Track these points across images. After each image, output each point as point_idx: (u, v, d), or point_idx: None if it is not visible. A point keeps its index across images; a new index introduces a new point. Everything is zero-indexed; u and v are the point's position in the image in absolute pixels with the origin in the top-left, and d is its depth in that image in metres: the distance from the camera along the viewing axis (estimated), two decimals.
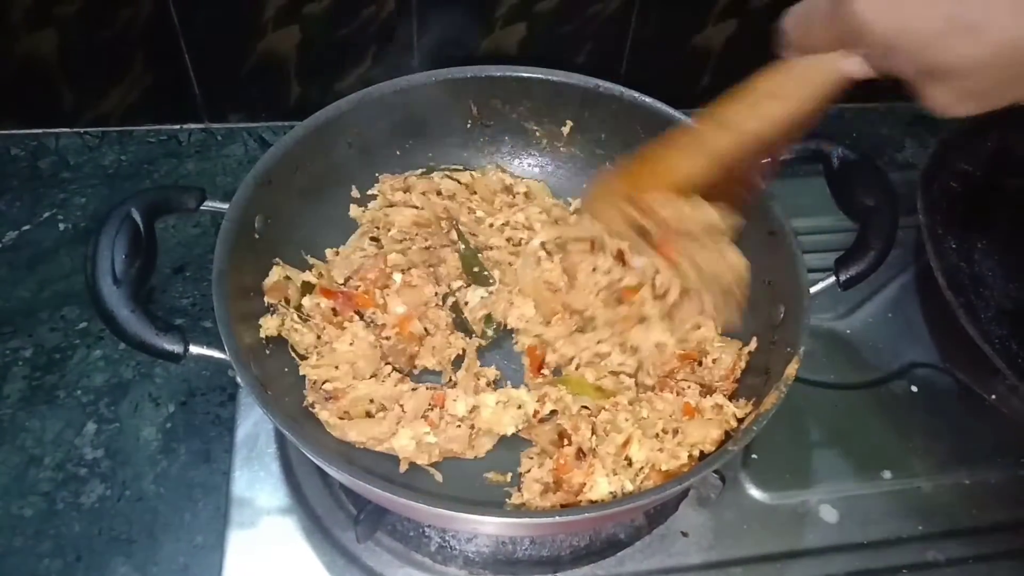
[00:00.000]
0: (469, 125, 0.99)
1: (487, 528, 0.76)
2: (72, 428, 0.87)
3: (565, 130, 0.99)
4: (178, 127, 1.16)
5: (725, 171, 0.69)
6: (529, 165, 1.03)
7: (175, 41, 1.04)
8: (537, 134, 1.00)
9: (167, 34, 1.03)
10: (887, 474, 0.90)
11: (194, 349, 0.70)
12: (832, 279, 0.80)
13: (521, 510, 0.76)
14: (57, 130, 1.13)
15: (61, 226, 1.04)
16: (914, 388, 0.97)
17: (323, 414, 0.80)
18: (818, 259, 0.82)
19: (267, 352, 0.82)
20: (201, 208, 0.78)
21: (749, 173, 0.73)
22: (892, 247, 0.80)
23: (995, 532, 0.87)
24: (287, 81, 1.12)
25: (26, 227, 1.03)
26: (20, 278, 0.98)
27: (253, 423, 0.86)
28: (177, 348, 0.69)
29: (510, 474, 0.81)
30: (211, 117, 1.16)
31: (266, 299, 0.84)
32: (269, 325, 0.82)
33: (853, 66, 0.59)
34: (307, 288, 0.87)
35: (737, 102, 0.66)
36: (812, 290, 0.78)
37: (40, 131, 1.13)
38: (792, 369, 0.73)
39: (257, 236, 0.82)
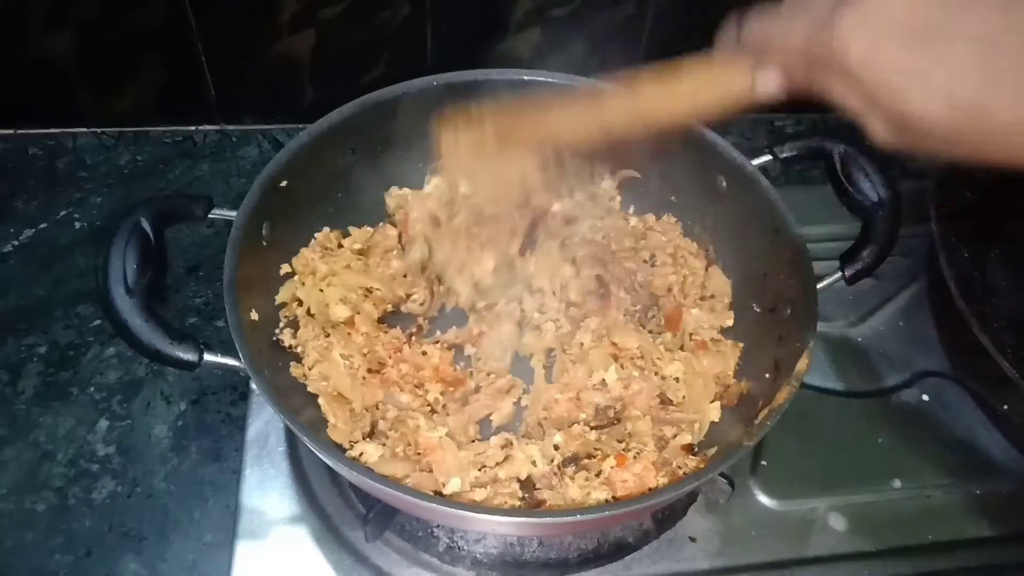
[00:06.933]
0: None
1: (495, 528, 0.76)
2: (85, 425, 0.88)
3: None
4: (193, 128, 1.17)
5: (605, 139, 0.66)
6: None
7: (191, 43, 1.05)
8: None
9: (183, 36, 1.04)
10: (897, 483, 0.89)
11: (208, 357, 0.70)
12: (838, 274, 0.80)
13: (535, 509, 0.76)
14: (74, 130, 1.14)
15: (77, 225, 1.05)
16: (925, 397, 0.97)
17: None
18: (827, 267, 0.82)
19: (279, 364, 0.82)
20: (208, 216, 0.79)
21: (627, 148, 0.71)
22: (896, 240, 0.81)
23: (1005, 543, 0.86)
24: (302, 84, 1.13)
25: (43, 225, 1.04)
26: (36, 276, 0.99)
27: (264, 422, 0.87)
28: (192, 357, 0.70)
29: None
30: (226, 119, 1.16)
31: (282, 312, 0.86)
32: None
33: (769, 85, 0.55)
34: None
35: (648, 80, 0.63)
36: (819, 285, 0.78)
37: (57, 131, 1.14)
38: (803, 364, 0.73)
39: (265, 244, 0.82)
